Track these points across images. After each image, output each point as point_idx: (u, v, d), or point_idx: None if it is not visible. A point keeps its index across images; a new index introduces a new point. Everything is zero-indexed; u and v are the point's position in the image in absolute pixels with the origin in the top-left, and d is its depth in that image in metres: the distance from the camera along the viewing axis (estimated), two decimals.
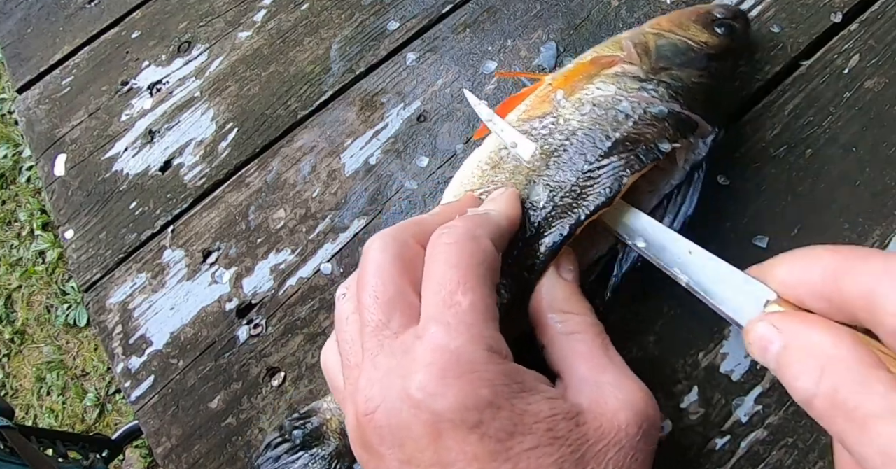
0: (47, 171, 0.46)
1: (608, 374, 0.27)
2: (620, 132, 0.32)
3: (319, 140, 0.43)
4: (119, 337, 0.40)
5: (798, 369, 0.23)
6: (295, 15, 0.47)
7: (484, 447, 0.23)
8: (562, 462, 0.24)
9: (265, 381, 0.37)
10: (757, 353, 0.25)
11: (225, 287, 0.40)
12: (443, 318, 0.24)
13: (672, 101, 0.33)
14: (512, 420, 0.24)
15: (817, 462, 0.31)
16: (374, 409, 0.24)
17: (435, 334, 0.24)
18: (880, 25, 0.40)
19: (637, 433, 0.26)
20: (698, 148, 0.33)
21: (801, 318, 0.24)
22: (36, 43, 0.51)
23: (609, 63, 0.35)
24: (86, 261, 0.43)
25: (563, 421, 0.25)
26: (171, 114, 0.46)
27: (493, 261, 0.27)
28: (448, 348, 0.24)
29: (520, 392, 0.24)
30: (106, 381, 1.39)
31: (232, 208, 0.42)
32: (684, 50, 0.35)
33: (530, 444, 0.24)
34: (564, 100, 0.34)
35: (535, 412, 0.24)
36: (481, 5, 0.45)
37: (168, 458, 0.36)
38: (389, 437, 0.24)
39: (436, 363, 0.23)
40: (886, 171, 0.36)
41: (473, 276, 0.25)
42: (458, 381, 0.23)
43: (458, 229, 0.27)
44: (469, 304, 0.25)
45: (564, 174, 0.32)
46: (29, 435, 0.82)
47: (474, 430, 0.23)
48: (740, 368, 0.33)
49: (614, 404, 0.26)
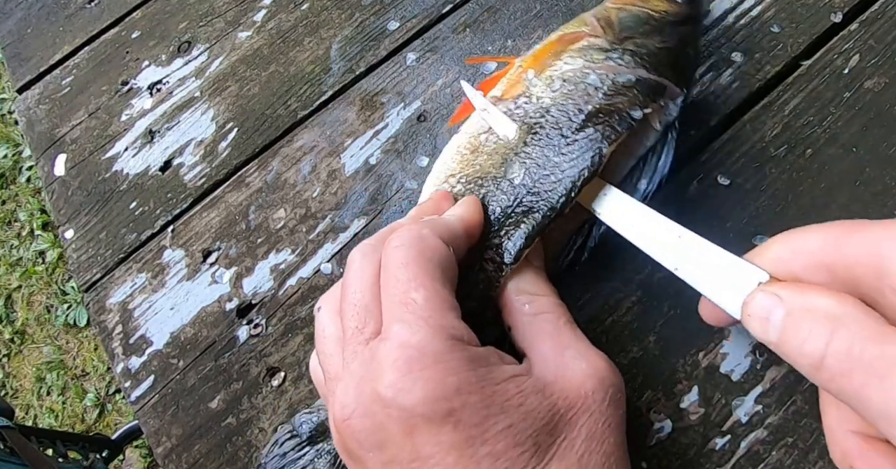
0: (47, 171, 0.46)
1: (571, 349, 0.28)
2: (592, 104, 0.32)
3: (319, 140, 0.43)
4: (119, 337, 0.40)
5: (805, 332, 0.23)
6: (295, 15, 0.47)
7: (459, 435, 0.23)
8: (536, 435, 0.24)
9: (265, 381, 0.37)
10: (757, 326, 0.25)
11: (225, 287, 0.40)
12: (402, 316, 0.25)
13: (638, 67, 0.34)
14: (483, 403, 0.24)
15: (817, 462, 0.31)
16: (349, 415, 0.25)
17: (396, 332, 0.25)
18: (880, 25, 0.40)
19: (604, 399, 0.26)
20: (669, 109, 0.33)
21: (801, 285, 0.24)
22: (36, 43, 0.51)
23: (575, 38, 0.36)
24: (86, 261, 0.43)
25: (532, 395, 0.25)
26: (171, 114, 0.46)
27: (443, 256, 0.27)
28: (410, 344, 0.24)
29: (487, 375, 0.25)
30: (106, 381, 1.39)
31: (232, 208, 0.42)
32: (646, 19, 0.36)
33: (504, 423, 0.24)
34: (535, 78, 0.35)
35: (504, 391, 0.25)
36: (481, 5, 0.45)
37: (168, 458, 0.36)
38: (367, 440, 0.24)
39: (400, 359, 0.24)
40: (886, 171, 0.36)
41: (423, 273, 0.26)
42: (424, 374, 0.23)
43: (405, 232, 0.28)
44: (423, 299, 0.25)
45: (542, 151, 0.32)
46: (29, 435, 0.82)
47: (447, 419, 0.23)
48: (740, 368, 0.33)
49: (579, 375, 0.27)
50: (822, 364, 0.22)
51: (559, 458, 0.24)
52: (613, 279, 0.35)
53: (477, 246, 0.31)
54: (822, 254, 0.24)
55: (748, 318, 0.25)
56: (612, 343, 0.34)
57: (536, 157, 0.32)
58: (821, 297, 0.23)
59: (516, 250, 0.31)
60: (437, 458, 0.23)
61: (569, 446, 0.25)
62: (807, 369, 0.23)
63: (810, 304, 0.23)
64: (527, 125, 0.33)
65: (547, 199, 0.31)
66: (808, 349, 0.22)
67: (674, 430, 0.32)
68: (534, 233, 0.31)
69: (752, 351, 0.33)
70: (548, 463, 0.24)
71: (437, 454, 0.23)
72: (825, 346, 0.22)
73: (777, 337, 0.24)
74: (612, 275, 0.35)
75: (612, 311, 0.35)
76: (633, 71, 0.33)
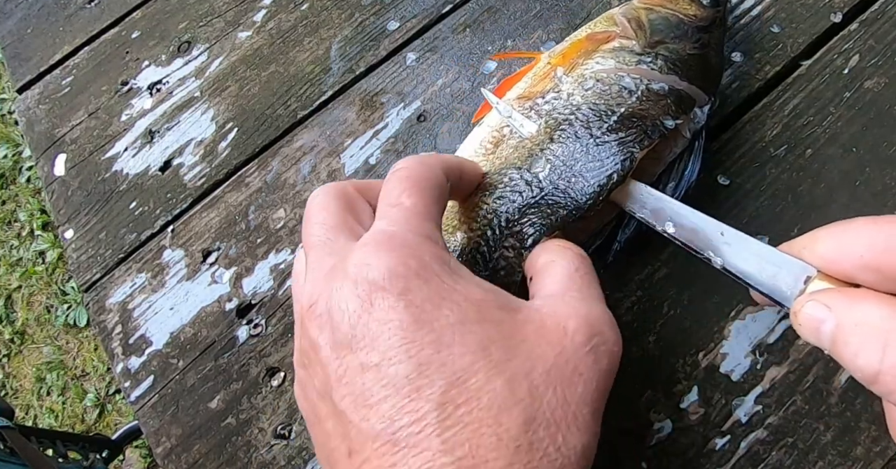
0: (47, 171, 0.46)
1: (575, 292, 0.27)
2: (625, 107, 0.33)
3: (319, 140, 0.43)
4: (119, 337, 0.40)
5: (857, 346, 0.22)
6: (295, 15, 0.47)
7: (410, 315, 0.23)
8: (488, 343, 0.23)
9: (265, 381, 0.37)
10: (809, 335, 0.24)
11: (225, 287, 0.40)
12: (387, 214, 0.26)
13: (670, 72, 0.34)
14: (439, 293, 0.24)
15: (817, 462, 0.31)
16: (315, 299, 0.25)
17: (376, 225, 0.26)
18: (880, 25, 0.40)
19: (585, 344, 0.24)
20: (697, 117, 0.34)
21: (850, 293, 0.24)
22: (36, 43, 0.51)
23: (606, 38, 0.36)
24: (86, 261, 0.43)
25: (494, 308, 0.24)
26: (171, 114, 0.46)
27: (439, 181, 0.28)
28: (385, 232, 0.25)
29: (451, 273, 0.25)
30: (106, 381, 1.39)
31: (232, 208, 0.42)
32: (676, 23, 0.36)
33: (456, 318, 0.23)
34: (565, 76, 0.35)
35: (463, 291, 0.24)
36: (481, 5, 0.45)
37: (168, 458, 0.36)
38: (327, 322, 0.24)
39: (371, 243, 0.25)
40: (886, 171, 0.36)
41: (419, 187, 0.27)
42: (390, 253, 0.24)
43: (411, 160, 0.29)
44: (411, 204, 0.26)
45: (570, 149, 0.32)
46: (29, 435, 0.82)
47: (401, 296, 0.23)
48: (740, 368, 0.33)
49: (567, 311, 0.25)
50: (878, 379, 0.22)
51: (509, 377, 0.22)
52: (613, 279, 0.35)
53: (496, 234, 0.32)
54: (870, 254, 0.23)
55: (799, 326, 0.25)
56: None
57: (563, 154, 0.32)
58: (871, 308, 0.22)
59: (537, 236, 0.31)
60: (382, 337, 0.23)
61: (525, 371, 0.23)
62: (862, 381, 0.23)
63: (860, 318, 0.22)
64: (554, 120, 0.33)
65: (574, 199, 0.31)
66: (861, 364, 0.22)
67: (674, 430, 0.32)
68: (556, 224, 0.31)
69: (752, 351, 0.33)
70: (494, 376, 0.22)
71: (383, 333, 0.23)
72: (878, 362, 0.22)
73: (829, 346, 0.23)
74: (612, 275, 0.35)
75: (612, 311, 0.35)
76: (666, 77, 0.34)
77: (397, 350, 0.23)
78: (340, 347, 0.24)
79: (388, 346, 0.23)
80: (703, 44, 0.36)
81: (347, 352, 0.23)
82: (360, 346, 0.23)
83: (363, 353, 0.23)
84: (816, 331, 0.24)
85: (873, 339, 0.22)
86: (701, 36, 0.36)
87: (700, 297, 0.34)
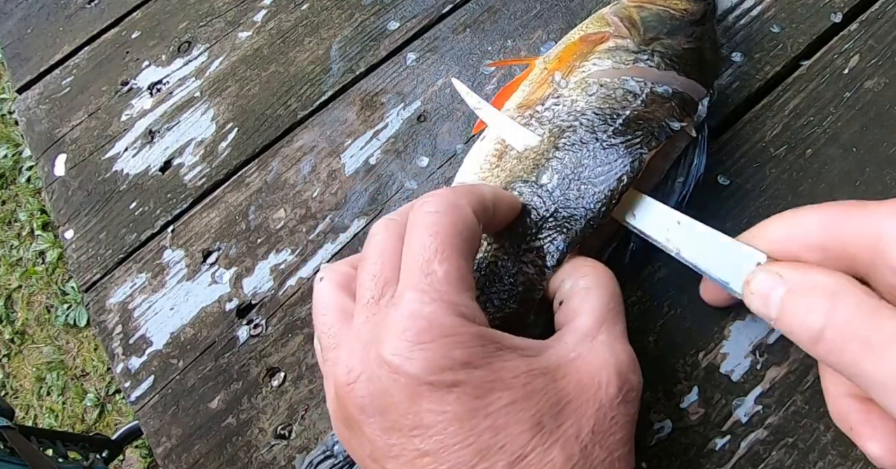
0: (47, 171, 0.46)
1: (605, 335, 0.27)
2: (630, 110, 0.32)
3: (319, 140, 0.43)
4: (119, 337, 0.40)
5: (806, 307, 0.24)
6: (295, 15, 0.47)
7: (462, 406, 0.23)
8: (540, 416, 0.24)
9: (265, 381, 0.37)
10: (758, 303, 0.26)
11: (225, 287, 0.40)
12: (418, 285, 0.25)
13: (668, 68, 0.34)
14: (488, 377, 0.24)
15: (817, 462, 0.31)
16: (355, 379, 0.25)
17: (410, 301, 0.24)
18: (880, 25, 0.40)
19: (617, 394, 0.26)
20: (698, 110, 0.34)
21: (800, 264, 0.26)
22: (36, 43, 0.51)
23: (600, 39, 0.36)
24: (86, 261, 0.43)
25: (539, 376, 0.25)
26: (171, 114, 0.46)
27: (472, 231, 0.27)
28: (421, 314, 0.24)
29: (495, 351, 0.25)
30: (106, 381, 1.39)
31: (232, 208, 0.42)
32: (668, 19, 0.36)
33: (508, 399, 0.24)
34: (564, 80, 0.35)
35: (511, 368, 0.25)
36: (481, 5, 0.45)
37: (168, 458, 0.36)
38: (370, 405, 0.24)
39: (410, 329, 0.24)
40: (886, 171, 0.36)
41: (450, 246, 0.26)
42: (432, 345, 0.24)
43: (441, 198, 0.27)
44: (444, 272, 0.25)
45: (576, 154, 0.32)
46: (29, 435, 0.82)
47: (452, 390, 0.23)
48: (740, 368, 0.33)
49: (599, 362, 0.26)
50: (822, 336, 0.23)
51: (563, 444, 0.24)
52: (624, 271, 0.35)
53: (514, 249, 0.31)
54: (818, 233, 0.25)
55: (750, 296, 0.26)
56: None
57: (570, 161, 0.32)
58: (820, 275, 0.24)
59: (559, 254, 0.30)
60: (438, 427, 0.23)
61: (574, 434, 0.24)
62: (806, 342, 0.24)
63: (810, 282, 0.24)
64: (558, 128, 0.33)
65: (587, 207, 0.31)
66: (809, 322, 0.23)
67: (674, 430, 0.32)
68: (576, 239, 0.30)
69: (752, 351, 0.33)
70: (550, 446, 0.24)
71: (438, 423, 0.23)
72: (825, 319, 0.23)
73: (777, 313, 0.25)
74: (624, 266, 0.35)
75: None
76: (664, 73, 0.34)
77: (455, 439, 0.23)
78: (391, 431, 0.24)
79: (446, 435, 0.23)
80: (697, 37, 0.36)
81: (399, 435, 0.24)
82: (413, 434, 0.24)
83: (418, 440, 0.23)
84: (767, 298, 0.25)
85: (821, 299, 0.24)
86: (694, 29, 0.36)
87: (700, 297, 0.34)
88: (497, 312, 0.31)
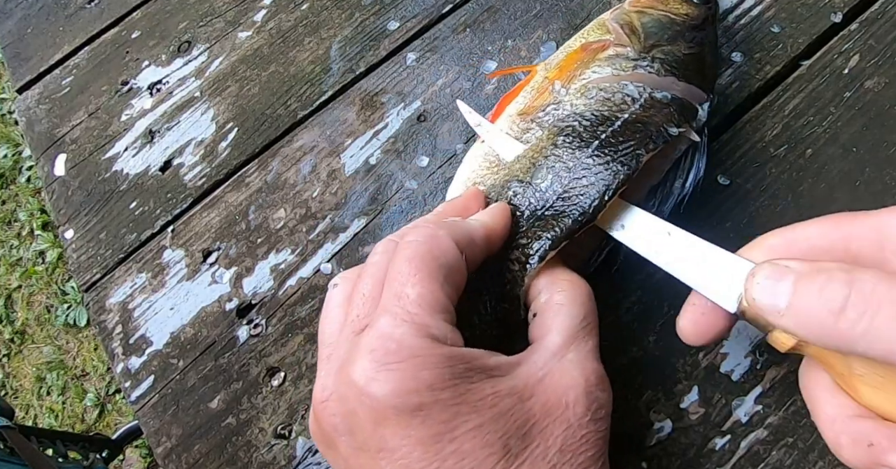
0: (47, 171, 0.46)
1: (574, 354, 0.27)
2: (629, 113, 0.33)
3: (319, 140, 0.43)
4: (119, 337, 0.40)
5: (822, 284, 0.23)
6: (295, 15, 0.47)
7: (427, 430, 0.23)
8: (506, 439, 0.24)
9: (265, 381, 0.37)
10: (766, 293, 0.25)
11: (225, 287, 0.40)
12: (391, 308, 0.25)
13: (668, 74, 0.34)
14: (454, 400, 0.24)
15: (817, 462, 0.31)
16: (328, 397, 0.25)
17: (381, 324, 0.25)
18: (880, 25, 0.40)
19: (585, 413, 0.26)
20: (698, 114, 0.34)
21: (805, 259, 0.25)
22: (36, 43, 0.51)
23: (601, 47, 0.36)
24: (86, 261, 0.43)
25: (506, 397, 0.25)
26: (171, 114, 0.46)
27: (452, 260, 0.27)
28: (391, 336, 0.24)
29: (464, 372, 0.25)
30: (106, 381, 1.39)
31: (232, 208, 0.42)
32: (669, 24, 0.36)
33: (474, 423, 0.24)
34: (563, 88, 0.35)
35: (478, 390, 0.24)
36: (481, 5, 0.45)
37: (168, 458, 0.36)
38: (341, 424, 0.25)
39: (377, 349, 0.24)
40: (886, 171, 0.36)
41: (425, 270, 0.26)
42: (400, 366, 0.24)
43: (422, 229, 0.28)
44: (417, 295, 0.25)
45: (574, 153, 0.32)
46: (29, 435, 0.82)
47: (416, 413, 0.23)
48: (740, 368, 0.33)
49: (567, 382, 0.26)
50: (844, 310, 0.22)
51: (530, 465, 0.24)
52: (613, 279, 0.35)
53: (503, 247, 0.31)
54: (818, 237, 0.25)
55: (756, 286, 0.25)
56: (612, 343, 0.34)
57: (567, 159, 0.32)
58: (828, 262, 0.23)
59: (542, 251, 0.30)
60: (402, 451, 0.23)
61: (541, 455, 0.24)
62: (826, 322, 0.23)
63: (820, 266, 0.23)
64: (557, 128, 0.33)
65: (578, 205, 0.31)
66: (829, 297, 0.22)
67: (674, 430, 0.32)
68: (562, 235, 0.30)
69: (752, 351, 0.33)
70: (518, 466, 0.24)
71: (403, 447, 0.23)
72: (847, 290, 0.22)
73: (789, 299, 0.24)
74: (612, 275, 0.35)
75: (613, 311, 0.35)
76: (664, 79, 0.34)
77: (419, 463, 0.23)
78: (359, 451, 0.25)
79: (410, 459, 0.23)
80: (698, 42, 0.36)
81: (367, 457, 0.24)
82: (379, 456, 0.24)
83: (384, 462, 0.24)
84: (775, 286, 0.24)
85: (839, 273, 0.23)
86: (695, 35, 0.36)
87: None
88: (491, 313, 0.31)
